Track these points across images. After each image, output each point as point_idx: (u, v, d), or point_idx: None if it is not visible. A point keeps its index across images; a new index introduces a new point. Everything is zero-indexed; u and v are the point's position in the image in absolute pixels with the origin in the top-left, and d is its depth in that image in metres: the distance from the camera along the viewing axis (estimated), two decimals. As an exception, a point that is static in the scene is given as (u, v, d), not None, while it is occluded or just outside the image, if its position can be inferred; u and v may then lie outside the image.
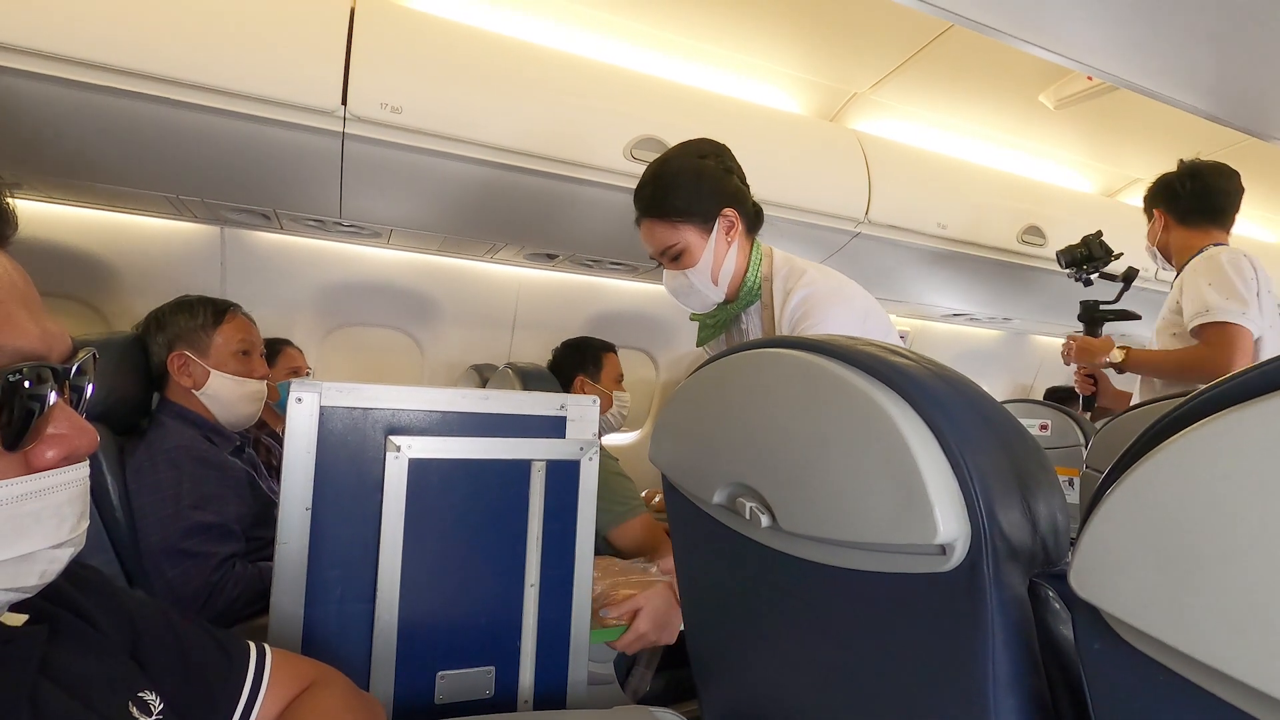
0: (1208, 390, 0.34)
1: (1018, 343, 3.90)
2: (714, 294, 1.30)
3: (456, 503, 0.98)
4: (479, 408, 1.00)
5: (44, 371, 0.45)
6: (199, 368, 1.42)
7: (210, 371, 1.43)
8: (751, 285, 1.29)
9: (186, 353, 1.42)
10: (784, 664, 0.67)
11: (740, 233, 1.28)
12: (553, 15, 1.82)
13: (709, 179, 1.25)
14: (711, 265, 1.27)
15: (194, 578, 1.22)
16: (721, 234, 1.26)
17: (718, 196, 1.25)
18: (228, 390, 1.44)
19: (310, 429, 0.91)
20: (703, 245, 1.25)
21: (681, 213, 1.24)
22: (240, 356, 1.47)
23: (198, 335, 1.44)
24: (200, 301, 1.50)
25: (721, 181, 1.26)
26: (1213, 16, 1.16)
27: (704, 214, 1.25)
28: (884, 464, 0.49)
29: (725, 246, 1.27)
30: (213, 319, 1.47)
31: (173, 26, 1.39)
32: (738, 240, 1.28)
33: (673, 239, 1.26)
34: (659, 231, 1.27)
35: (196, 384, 1.42)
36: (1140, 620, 0.34)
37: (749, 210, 1.30)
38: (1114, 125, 2.36)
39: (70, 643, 0.53)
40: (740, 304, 1.32)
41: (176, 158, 1.66)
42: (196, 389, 1.42)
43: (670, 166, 1.26)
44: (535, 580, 1.01)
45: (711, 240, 1.25)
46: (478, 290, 2.70)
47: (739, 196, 1.27)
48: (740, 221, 1.27)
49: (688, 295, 1.33)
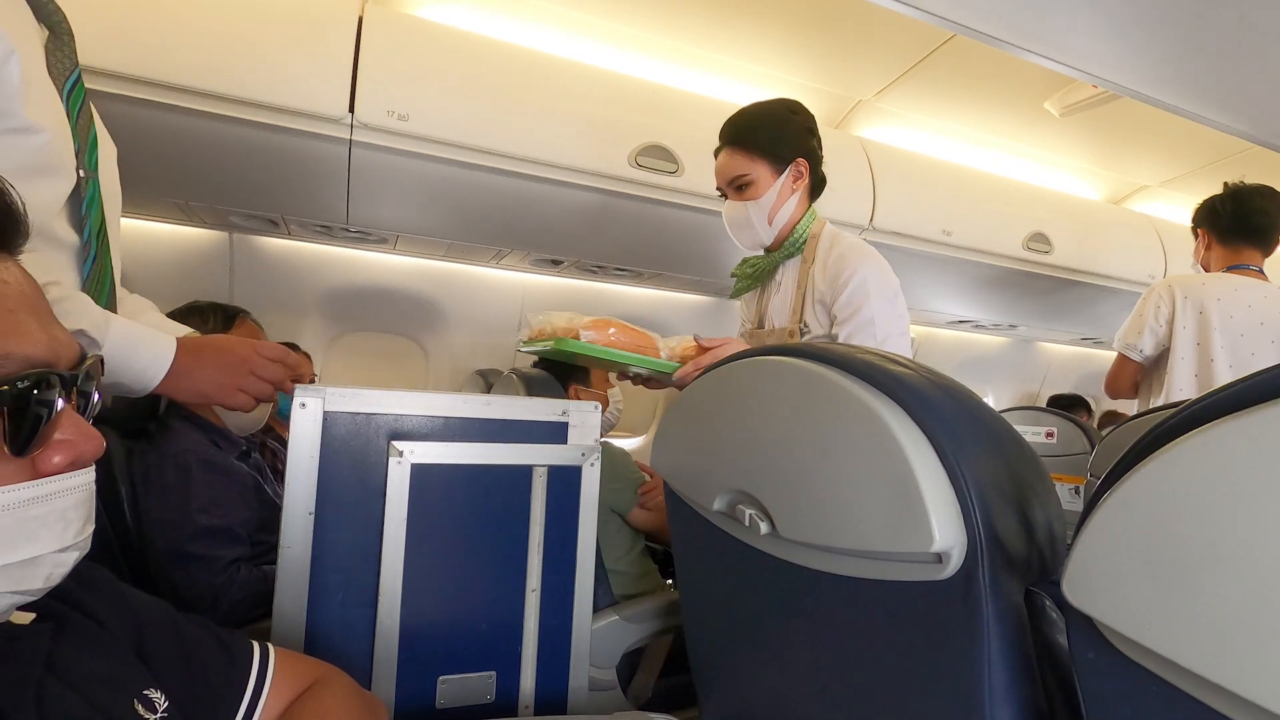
0: (1199, 401, 0.34)
1: (1024, 350, 3.88)
2: (765, 233, 1.40)
3: (458, 508, 0.98)
4: (481, 413, 1.01)
5: (51, 378, 0.45)
6: None
7: None
8: (798, 237, 1.39)
9: None
10: (783, 670, 0.67)
11: (805, 187, 1.39)
12: (558, 24, 1.83)
13: (793, 128, 1.36)
14: (772, 204, 1.37)
15: (199, 581, 1.23)
16: (790, 179, 1.36)
17: (796, 146, 1.35)
18: None
19: (314, 434, 0.92)
20: (770, 184, 1.35)
21: (762, 148, 1.35)
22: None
23: None
24: (210, 307, 1.51)
25: (803, 135, 1.37)
26: (1217, 25, 1.16)
27: (780, 156, 1.35)
28: (881, 472, 0.49)
29: (789, 192, 1.37)
30: (222, 324, 1.49)
31: (183, 35, 1.41)
32: (800, 192, 1.39)
33: (746, 169, 1.36)
34: (737, 160, 1.37)
35: None
36: (1132, 629, 0.34)
37: (818, 173, 1.41)
38: (1120, 132, 2.36)
39: (76, 640, 0.54)
40: (782, 254, 1.42)
41: (186, 164, 1.68)
42: None
43: (763, 106, 1.39)
44: (537, 585, 1.02)
45: (780, 182, 1.35)
46: (483, 296, 2.71)
47: (813, 154, 1.38)
48: (809, 176, 1.38)
49: (742, 228, 1.42)
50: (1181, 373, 1.79)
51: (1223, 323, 1.74)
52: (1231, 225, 1.86)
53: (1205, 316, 1.76)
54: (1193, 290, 1.80)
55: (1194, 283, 1.82)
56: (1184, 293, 1.80)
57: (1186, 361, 1.79)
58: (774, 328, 1.47)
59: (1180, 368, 1.80)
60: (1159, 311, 1.86)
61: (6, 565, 0.43)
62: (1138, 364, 1.92)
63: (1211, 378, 1.75)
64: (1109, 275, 2.68)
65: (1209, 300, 1.77)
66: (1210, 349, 1.75)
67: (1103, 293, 2.79)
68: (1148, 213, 2.88)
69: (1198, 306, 1.78)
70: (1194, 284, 1.81)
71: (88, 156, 0.85)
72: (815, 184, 1.42)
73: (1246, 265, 1.84)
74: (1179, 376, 1.79)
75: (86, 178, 0.85)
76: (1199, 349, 1.78)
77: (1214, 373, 1.74)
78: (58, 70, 0.82)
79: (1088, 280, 2.67)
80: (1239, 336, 1.73)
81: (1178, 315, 1.80)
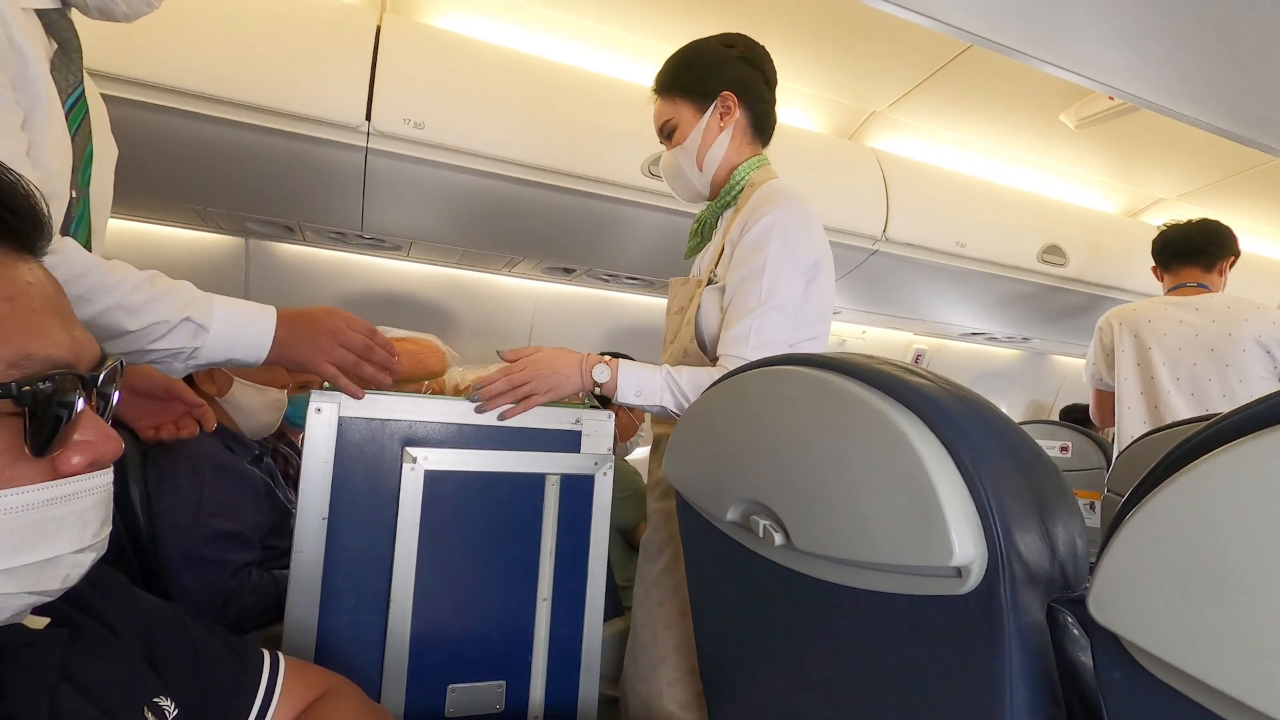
0: (1229, 416, 0.33)
1: (1037, 363, 3.85)
2: (698, 180, 1.27)
3: (471, 515, 0.98)
4: (495, 420, 1.01)
5: (72, 379, 0.45)
6: (223, 375, 1.45)
7: (234, 379, 1.45)
8: (735, 184, 1.25)
9: None
10: (796, 683, 0.66)
11: (740, 125, 1.25)
12: (572, 34, 1.84)
13: (718, 60, 1.23)
14: (698, 147, 1.24)
15: (210, 584, 1.24)
16: (715, 117, 1.23)
17: (723, 79, 1.22)
18: (250, 398, 1.46)
19: (329, 439, 0.92)
20: (694, 124, 1.23)
21: (685, 87, 1.24)
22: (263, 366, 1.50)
23: None
24: None
25: (732, 67, 1.23)
26: (1236, 36, 1.15)
27: (703, 92, 1.23)
28: (899, 484, 0.48)
29: (716, 130, 1.23)
30: None
31: (205, 44, 1.43)
32: (733, 130, 1.24)
33: (669, 113, 1.25)
34: (661, 105, 1.27)
35: (220, 391, 1.45)
36: (1161, 648, 0.33)
37: (758, 108, 1.26)
38: (1136, 145, 2.34)
39: (89, 647, 0.54)
40: (719, 203, 1.28)
41: (205, 170, 1.70)
42: (220, 396, 1.44)
43: (692, 44, 1.27)
44: (548, 594, 1.01)
45: (704, 120, 1.22)
46: (495, 303, 2.72)
47: (746, 87, 1.24)
48: (741, 112, 1.24)
49: (676, 177, 1.30)
50: (1128, 391, 1.99)
51: (1157, 340, 1.93)
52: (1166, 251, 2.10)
53: (1140, 339, 1.97)
54: (1127, 317, 2.02)
55: (1128, 311, 2.04)
56: (1119, 320, 2.04)
57: (1130, 381, 1.99)
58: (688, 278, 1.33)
59: (1125, 388, 2.00)
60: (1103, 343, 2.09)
61: (26, 565, 0.43)
62: (1108, 393, 2.10)
63: (1157, 393, 1.91)
64: (1125, 289, 2.66)
65: (1140, 323, 1.98)
66: (1151, 367, 1.93)
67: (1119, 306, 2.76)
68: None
69: (1132, 330, 1.99)
70: (1128, 312, 2.04)
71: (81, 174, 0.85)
72: (757, 121, 1.27)
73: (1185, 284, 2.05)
74: (1126, 395, 1.99)
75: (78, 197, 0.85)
76: (1140, 369, 1.97)
77: (1158, 388, 1.91)
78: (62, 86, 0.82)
79: (1103, 293, 2.64)
80: (1176, 350, 1.90)
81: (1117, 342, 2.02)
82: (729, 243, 1.19)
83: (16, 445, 0.43)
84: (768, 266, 1.11)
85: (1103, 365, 2.09)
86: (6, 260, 0.45)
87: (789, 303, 1.12)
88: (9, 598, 0.43)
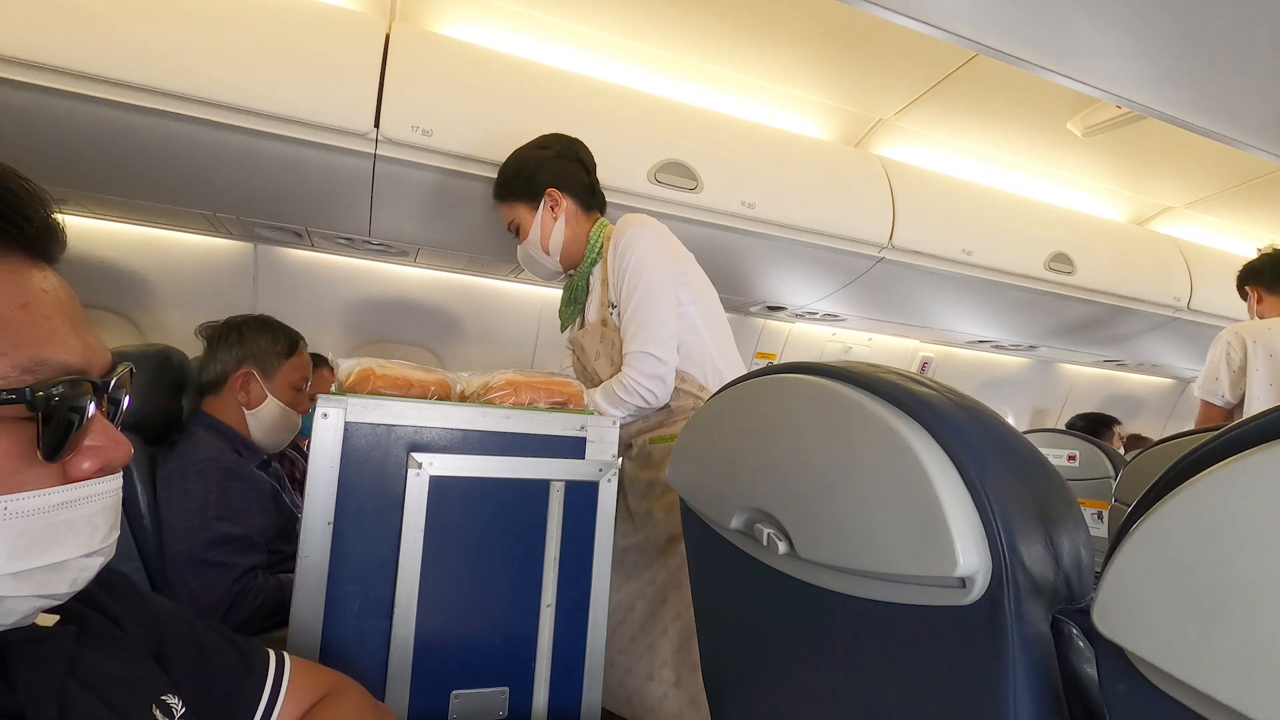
0: (1235, 427, 0.33)
1: (1044, 371, 3.83)
2: (548, 262, 1.50)
3: (476, 521, 0.98)
4: (500, 426, 1.01)
5: (84, 385, 0.46)
6: (259, 389, 1.46)
7: (268, 396, 1.46)
8: (594, 245, 1.46)
9: (254, 372, 1.45)
10: (799, 691, 0.66)
11: (572, 210, 1.47)
12: (580, 43, 1.86)
13: (535, 164, 1.45)
14: (540, 237, 1.47)
15: (216, 587, 1.24)
16: (546, 210, 1.46)
17: (541, 180, 1.44)
18: (275, 417, 1.47)
19: (335, 444, 0.92)
20: (531, 220, 1.46)
21: (514, 192, 1.47)
22: (296, 391, 1.53)
23: (271, 360, 1.48)
24: (282, 328, 1.54)
25: (548, 166, 1.45)
26: (1242, 45, 1.15)
27: (530, 194, 1.45)
28: (903, 493, 0.48)
29: (551, 221, 1.46)
30: (288, 348, 1.52)
31: (214, 51, 1.44)
32: (565, 216, 1.46)
33: (509, 216, 1.50)
34: (502, 211, 1.51)
35: (251, 403, 1.45)
36: (1166, 661, 0.33)
37: (582, 191, 1.48)
38: (1144, 153, 2.33)
39: (98, 644, 0.54)
40: (587, 265, 1.47)
41: (214, 177, 1.71)
42: (249, 408, 1.45)
43: (513, 156, 1.49)
44: (552, 601, 1.01)
45: (538, 216, 1.46)
46: (501, 309, 2.73)
47: (564, 178, 1.46)
48: (568, 200, 1.46)
49: (530, 263, 1.54)
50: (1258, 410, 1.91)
51: None
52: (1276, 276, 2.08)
53: (1276, 359, 1.91)
54: (1261, 334, 1.95)
55: (1261, 328, 1.98)
56: (1254, 337, 1.96)
57: (1261, 402, 1.93)
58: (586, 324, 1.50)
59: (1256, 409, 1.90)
60: (1230, 357, 2.02)
61: (34, 569, 0.43)
62: (1223, 409, 2.05)
63: None
64: (1133, 297, 2.65)
65: (1277, 342, 1.91)
66: None
67: (1126, 315, 2.75)
68: (1172, 234, 2.84)
69: (1269, 349, 1.92)
70: (1261, 329, 1.97)
71: None
72: (584, 202, 1.49)
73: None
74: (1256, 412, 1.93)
75: None
76: (1272, 389, 1.91)
77: None
78: None
79: (1111, 302, 2.63)
80: None
81: (1250, 359, 1.95)
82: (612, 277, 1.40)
83: (28, 449, 0.43)
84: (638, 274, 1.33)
85: (1227, 382, 2.03)
86: (21, 267, 0.45)
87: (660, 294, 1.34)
88: (18, 600, 0.43)
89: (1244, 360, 1.98)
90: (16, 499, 0.42)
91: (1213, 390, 2.08)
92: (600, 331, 1.44)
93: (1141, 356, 3.38)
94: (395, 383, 1.03)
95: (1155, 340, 3.08)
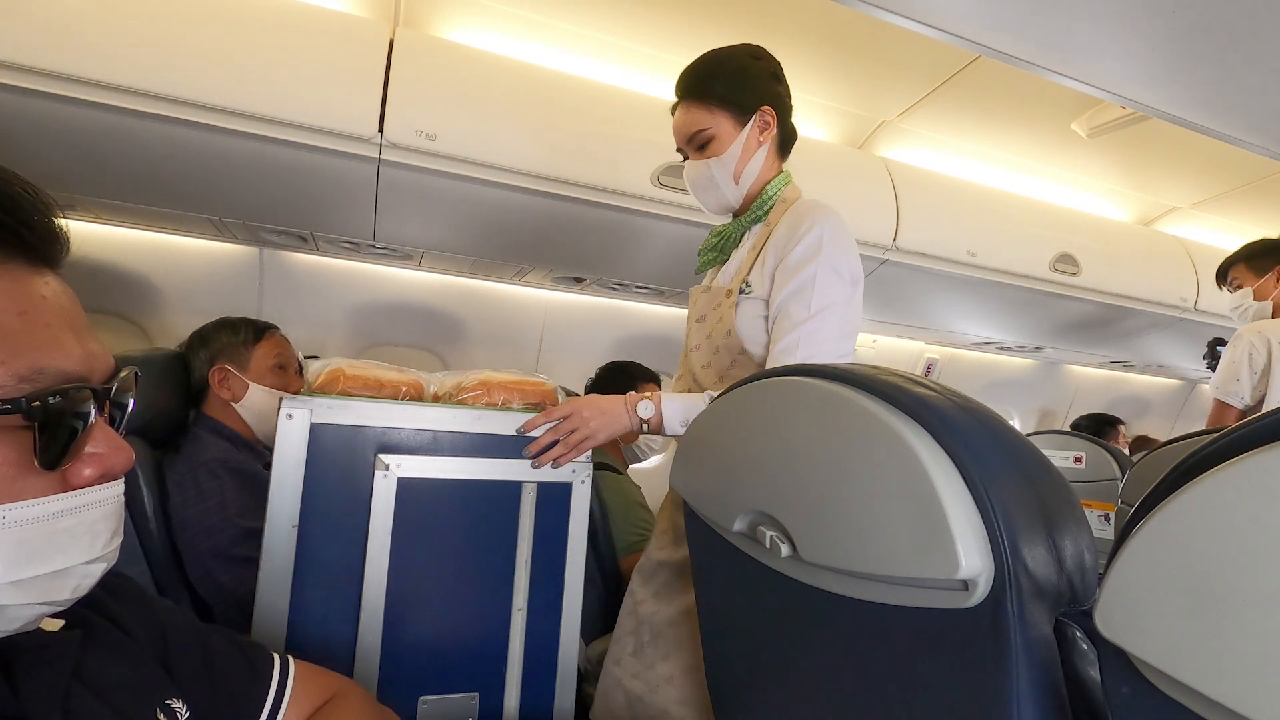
0: (1238, 429, 0.33)
1: (1050, 372, 3.82)
2: (732, 193, 1.25)
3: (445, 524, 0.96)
4: (472, 427, 0.98)
5: (84, 393, 0.46)
6: (238, 381, 1.48)
7: (249, 384, 1.49)
8: (767, 199, 1.24)
9: (228, 367, 1.49)
10: (802, 694, 0.66)
11: (773, 140, 1.24)
12: (583, 47, 1.86)
13: (756, 73, 1.22)
14: (738, 160, 1.22)
15: (245, 581, 1.25)
16: (755, 131, 1.21)
17: (761, 93, 1.21)
18: (264, 403, 1.49)
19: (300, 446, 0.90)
20: (734, 137, 1.21)
21: (721, 98, 1.20)
22: (277, 371, 1.54)
23: (238, 350, 1.52)
24: (242, 321, 1.58)
25: (767, 81, 1.23)
26: (1246, 45, 1.14)
27: (743, 105, 1.20)
28: (905, 496, 0.48)
29: (756, 145, 1.22)
30: (253, 336, 1.55)
31: (220, 57, 1.45)
32: (769, 146, 1.24)
33: (706, 123, 1.21)
34: (695, 113, 1.22)
35: (235, 396, 1.48)
36: (1168, 664, 0.33)
37: (787, 124, 1.27)
38: (1149, 153, 2.33)
39: (103, 648, 0.54)
40: (749, 218, 1.27)
41: (220, 182, 1.72)
42: (235, 401, 1.48)
43: (720, 53, 1.24)
44: (523, 604, 0.99)
45: (744, 134, 1.20)
46: (505, 312, 2.74)
47: (780, 102, 1.24)
48: (776, 127, 1.23)
49: (706, 189, 1.27)
50: None
51: None
52: None
53: None
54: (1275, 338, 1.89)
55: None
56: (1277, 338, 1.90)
57: None
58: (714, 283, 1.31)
59: None
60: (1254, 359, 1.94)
61: (36, 577, 0.43)
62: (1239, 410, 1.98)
63: None
64: (1139, 298, 2.63)
65: None
66: None
67: (1133, 315, 2.74)
68: (1179, 235, 2.83)
69: None
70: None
71: None
72: (785, 138, 1.27)
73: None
74: None
75: None
76: None
77: None
78: None
79: (1117, 303, 2.62)
80: None
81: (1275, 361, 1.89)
82: (771, 255, 1.18)
83: (26, 458, 0.43)
84: (817, 278, 1.10)
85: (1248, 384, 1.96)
86: (22, 274, 0.45)
87: (837, 313, 1.11)
88: (20, 608, 0.43)
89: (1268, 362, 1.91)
90: (15, 508, 0.42)
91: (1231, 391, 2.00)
92: (721, 301, 1.23)
93: (1148, 358, 3.37)
94: (366, 383, 1.00)
95: (1162, 341, 3.07)
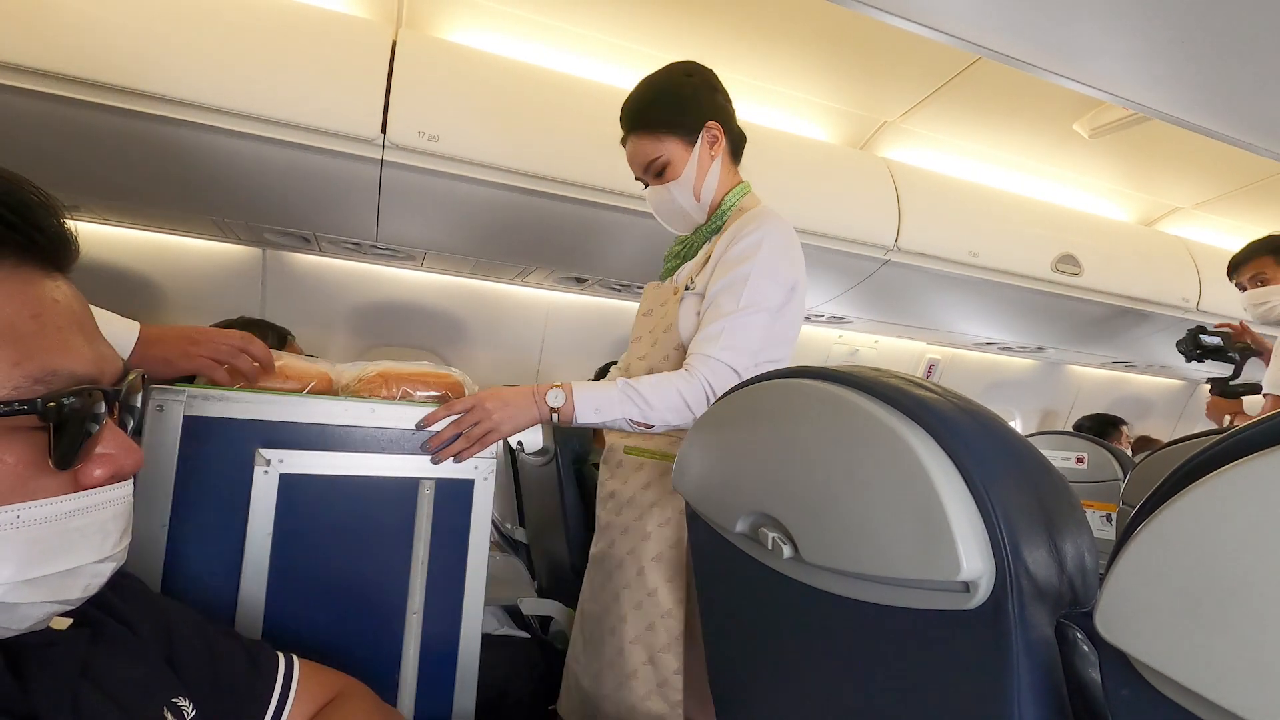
0: (1241, 431, 0.33)
1: (1052, 373, 3.81)
2: (696, 211, 1.27)
3: (333, 523, 0.91)
4: (365, 421, 0.94)
5: (95, 394, 0.46)
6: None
7: None
8: (726, 208, 1.25)
9: None
10: (804, 695, 0.66)
11: (724, 151, 1.26)
12: (585, 48, 1.86)
13: (691, 92, 1.24)
14: (694, 179, 1.23)
15: None
16: (705, 147, 1.23)
17: (701, 109, 1.22)
18: None
19: (172, 441, 0.85)
20: (685, 158, 1.22)
21: (665, 124, 1.22)
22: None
23: None
24: (266, 325, 1.56)
25: (705, 95, 1.24)
26: (1246, 46, 1.14)
27: (687, 125, 1.22)
28: (907, 498, 0.48)
29: (709, 160, 1.24)
30: (275, 343, 1.53)
31: (223, 59, 1.46)
32: (721, 158, 1.25)
33: (656, 151, 1.22)
34: (643, 144, 1.24)
35: None
36: (1168, 666, 0.33)
37: (734, 131, 1.27)
38: (1151, 154, 2.32)
39: (111, 647, 0.55)
40: (708, 229, 1.28)
41: (224, 183, 1.73)
42: None
43: (654, 80, 1.25)
44: (419, 608, 0.94)
45: (695, 153, 1.22)
46: (507, 313, 2.74)
47: (723, 113, 1.25)
48: (724, 138, 1.25)
49: (670, 213, 1.29)
50: None
51: None
52: None
53: None
54: None
55: None
56: None
57: None
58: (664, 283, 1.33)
59: None
60: None
61: (47, 576, 0.44)
62: None
63: None
64: (1141, 298, 2.63)
65: None
66: None
67: (1135, 316, 2.73)
68: (1181, 235, 2.82)
69: None
70: None
71: None
72: (734, 145, 1.28)
73: None
74: None
75: None
76: None
77: None
78: None
79: (1119, 303, 2.62)
80: None
81: None
82: (713, 257, 1.20)
83: (40, 458, 0.44)
84: (751, 276, 1.12)
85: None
86: (33, 278, 0.46)
87: (766, 312, 1.13)
88: (31, 607, 0.44)
89: None
90: (29, 507, 0.43)
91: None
92: (669, 298, 1.26)
93: (1150, 358, 3.36)
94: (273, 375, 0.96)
95: (1164, 342, 3.06)
